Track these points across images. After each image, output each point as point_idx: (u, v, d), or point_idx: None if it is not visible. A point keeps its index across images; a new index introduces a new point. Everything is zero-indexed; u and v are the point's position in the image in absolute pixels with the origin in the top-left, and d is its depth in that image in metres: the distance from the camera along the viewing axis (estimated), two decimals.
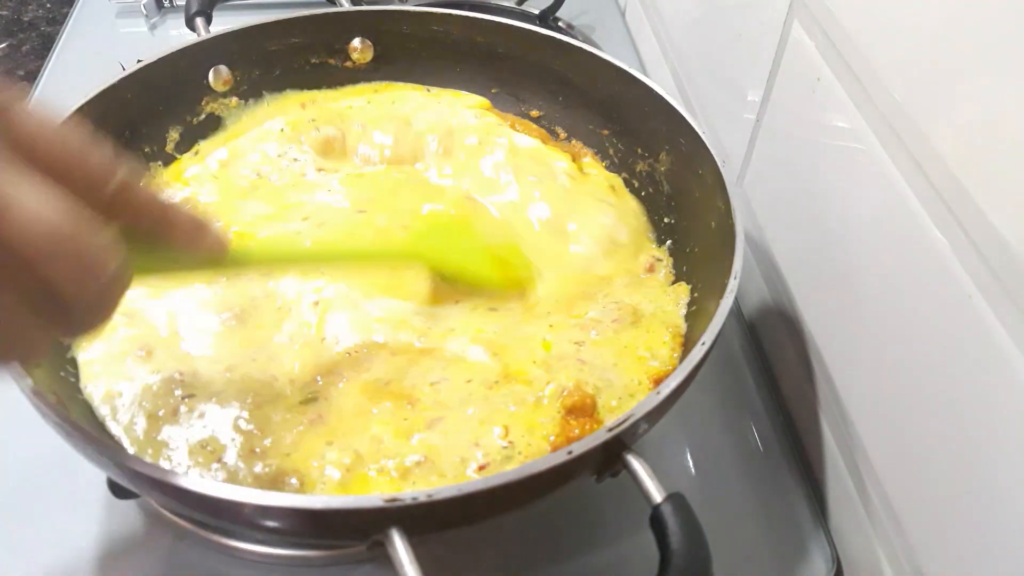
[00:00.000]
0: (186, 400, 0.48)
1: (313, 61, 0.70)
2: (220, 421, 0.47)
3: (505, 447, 0.45)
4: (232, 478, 0.44)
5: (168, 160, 0.64)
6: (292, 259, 0.51)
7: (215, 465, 0.45)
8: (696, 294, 0.55)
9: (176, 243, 0.34)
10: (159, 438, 0.46)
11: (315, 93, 0.70)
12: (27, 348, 0.29)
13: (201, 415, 0.47)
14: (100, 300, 0.29)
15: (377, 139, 0.66)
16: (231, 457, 0.45)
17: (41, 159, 0.28)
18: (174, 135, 0.64)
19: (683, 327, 0.54)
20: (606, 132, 0.67)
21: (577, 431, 0.46)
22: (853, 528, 0.51)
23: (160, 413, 0.47)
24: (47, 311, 0.28)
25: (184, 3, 0.70)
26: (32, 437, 0.52)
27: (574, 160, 0.66)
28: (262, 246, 0.47)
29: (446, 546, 0.49)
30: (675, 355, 0.52)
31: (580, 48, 0.66)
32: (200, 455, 0.45)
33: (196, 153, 0.65)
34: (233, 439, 0.46)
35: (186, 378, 0.49)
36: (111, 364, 0.49)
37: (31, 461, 0.53)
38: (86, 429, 0.39)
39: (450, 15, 0.69)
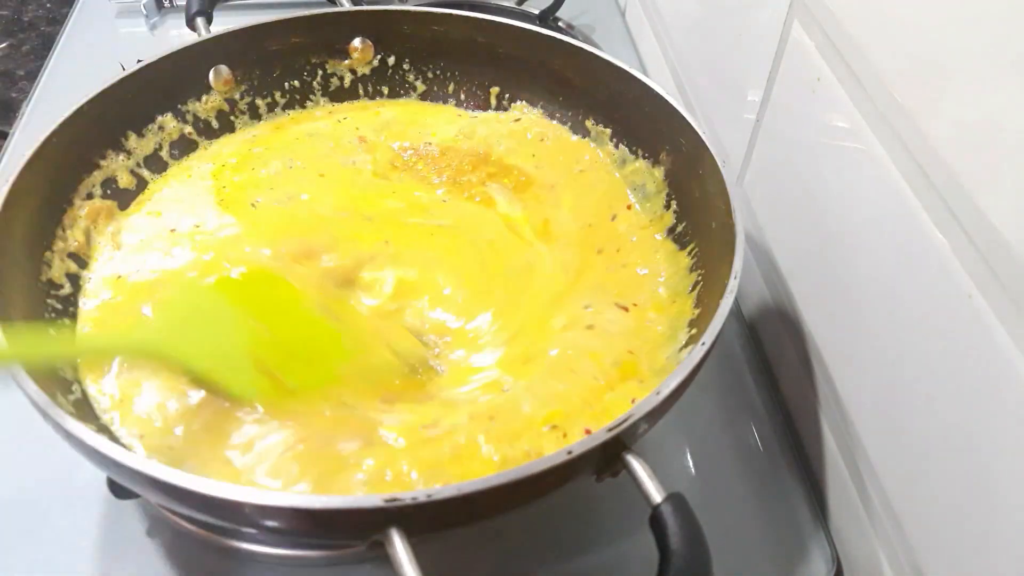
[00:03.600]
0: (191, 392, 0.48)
1: (313, 61, 0.70)
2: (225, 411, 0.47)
3: None
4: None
5: (163, 165, 0.64)
6: None
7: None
8: (696, 294, 0.55)
9: None
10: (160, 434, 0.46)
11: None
12: None
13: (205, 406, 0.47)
14: None
15: None
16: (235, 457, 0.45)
17: None
18: (173, 136, 0.64)
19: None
20: (606, 132, 0.67)
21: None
22: (853, 528, 0.51)
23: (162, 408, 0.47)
24: None
25: (184, 3, 0.70)
26: (32, 437, 0.52)
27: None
28: None
29: (446, 546, 0.49)
30: None
31: (580, 48, 0.66)
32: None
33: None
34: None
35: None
36: (110, 361, 0.49)
37: (31, 461, 0.53)
38: (86, 429, 0.39)
39: (450, 15, 0.69)
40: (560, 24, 0.93)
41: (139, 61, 0.61)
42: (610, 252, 0.59)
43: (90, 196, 0.58)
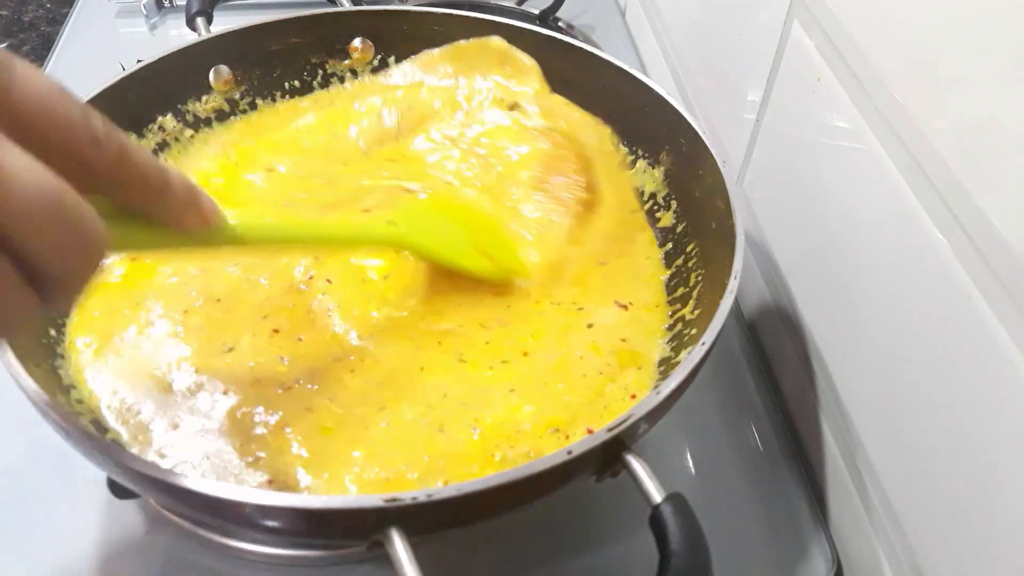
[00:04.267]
0: (191, 391, 0.48)
1: (313, 61, 0.70)
2: (223, 410, 0.47)
3: None
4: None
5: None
6: (286, 239, 0.48)
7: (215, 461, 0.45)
8: (696, 294, 0.55)
9: (166, 218, 0.33)
10: (160, 434, 0.46)
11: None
12: (10, 320, 0.28)
13: (204, 406, 0.47)
14: (79, 274, 0.29)
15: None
16: (232, 457, 0.45)
17: (33, 125, 0.27)
18: (174, 136, 0.64)
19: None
20: (607, 132, 0.67)
21: None
22: (853, 528, 0.52)
23: (163, 409, 0.47)
24: (25, 283, 0.27)
25: (184, 3, 0.70)
26: (32, 437, 0.52)
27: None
28: (254, 224, 0.44)
29: (446, 546, 0.49)
30: None
31: (580, 48, 0.66)
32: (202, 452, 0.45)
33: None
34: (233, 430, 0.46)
35: (189, 371, 0.49)
36: (111, 361, 0.49)
37: (31, 461, 0.53)
38: (86, 429, 0.39)
39: (450, 15, 0.69)
40: (560, 24, 0.93)
41: (139, 61, 0.61)
42: (613, 256, 0.59)
43: None
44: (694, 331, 0.51)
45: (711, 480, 0.55)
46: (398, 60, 0.71)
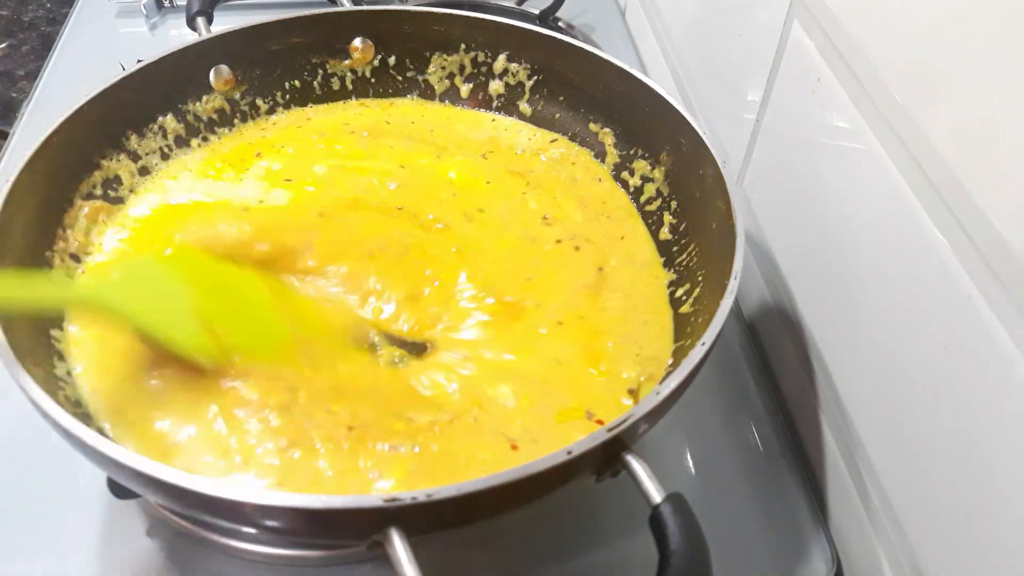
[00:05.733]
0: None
1: (314, 61, 0.70)
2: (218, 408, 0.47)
3: None
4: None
5: (165, 165, 0.64)
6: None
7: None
8: (696, 294, 0.55)
9: None
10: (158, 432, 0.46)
11: None
12: None
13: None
14: None
15: None
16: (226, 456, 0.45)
17: None
18: (174, 136, 0.64)
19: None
20: (607, 132, 0.67)
21: None
22: (853, 528, 0.52)
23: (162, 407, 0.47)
24: None
25: (184, 3, 0.70)
26: (32, 437, 0.52)
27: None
28: None
29: (446, 546, 0.49)
30: None
31: (580, 48, 0.66)
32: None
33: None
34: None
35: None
36: (111, 361, 0.49)
37: (31, 461, 0.53)
38: (86, 429, 0.39)
39: (450, 15, 0.69)
40: (560, 24, 0.93)
41: (139, 61, 0.61)
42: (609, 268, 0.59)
43: (90, 196, 0.58)
44: (694, 331, 0.51)
45: (711, 480, 0.55)
46: (399, 60, 0.71)
